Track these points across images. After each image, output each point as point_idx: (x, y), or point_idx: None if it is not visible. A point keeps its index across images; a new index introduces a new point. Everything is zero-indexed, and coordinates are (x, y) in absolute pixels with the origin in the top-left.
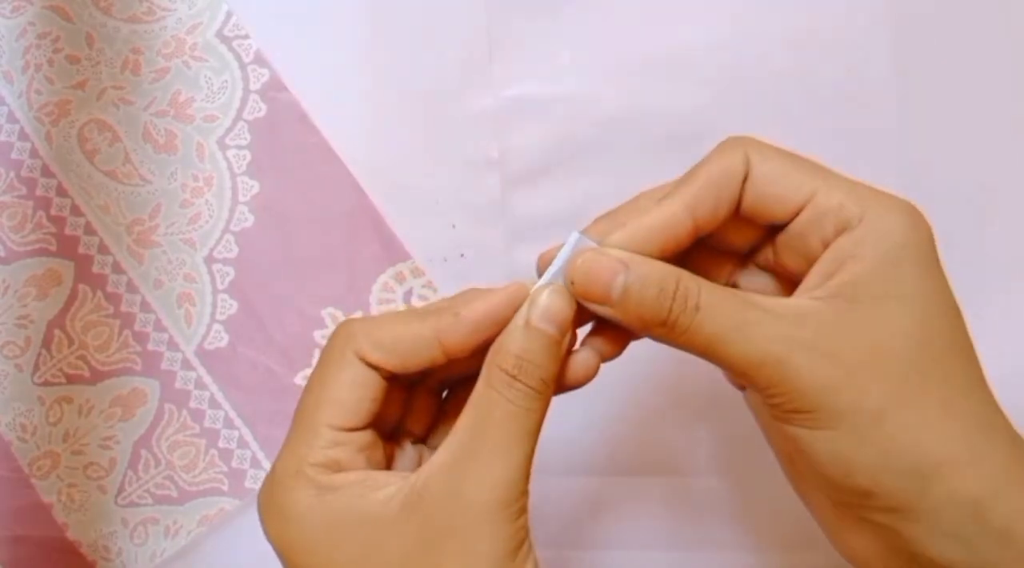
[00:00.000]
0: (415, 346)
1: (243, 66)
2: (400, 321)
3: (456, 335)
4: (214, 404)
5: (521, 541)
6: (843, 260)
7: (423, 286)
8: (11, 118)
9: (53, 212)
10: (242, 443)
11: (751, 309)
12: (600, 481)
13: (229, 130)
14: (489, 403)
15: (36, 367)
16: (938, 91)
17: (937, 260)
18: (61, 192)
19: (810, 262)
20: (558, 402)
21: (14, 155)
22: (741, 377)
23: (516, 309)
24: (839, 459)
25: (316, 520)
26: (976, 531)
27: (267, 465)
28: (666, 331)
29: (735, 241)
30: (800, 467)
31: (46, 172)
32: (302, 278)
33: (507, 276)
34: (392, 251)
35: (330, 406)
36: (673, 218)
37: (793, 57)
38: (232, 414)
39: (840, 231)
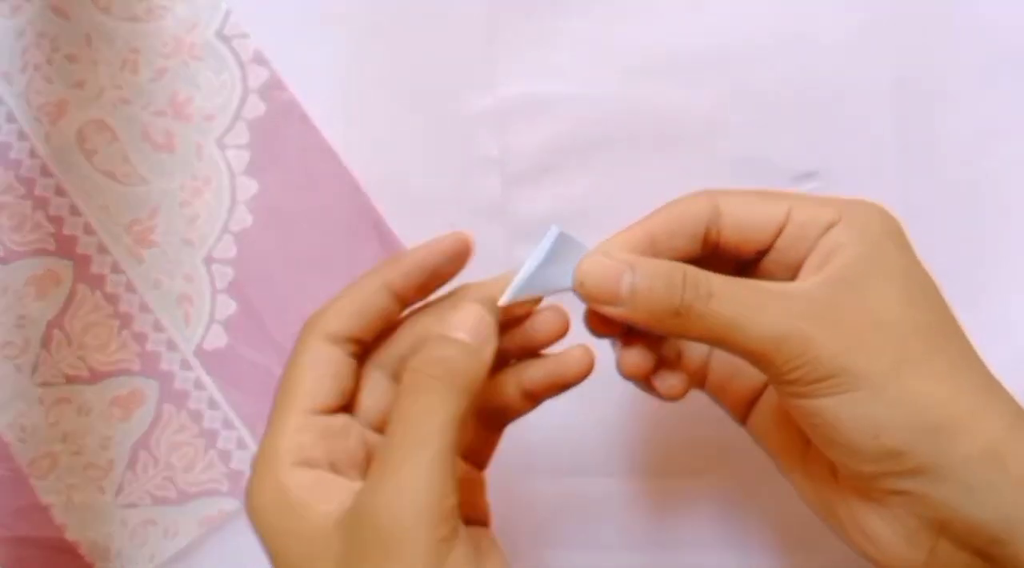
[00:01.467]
0: (365, 299)
1: (242, 65)
2: (352, 285)
3: (397, 272)
4: (213, 405)
5: (451, 547)
6: (831, 252)
7: None
8: (10, 118)
9: (52, 212)
10: (241, 444)
11: (762, 291)
12: (598, 482)
13: (228, 130)
14: (398, 408)
15: (35, 367)
16: (938, 91)
17: (910, 245)
18: (60, 192)
19: (799, 269)
20: (555, 403)
21: (13, 155)
22: (759, 359)
23: (459, 250)
24: (865, 421)
25: (270, 515)
26: (1001, 481)
27: None
28: (680, 320)
29: (723, 269)
30: (817, 457)
31: (45, 172)
32: (302, 278)
33: None
34: (392, 251)
35: (293, 391)
36: (646, 239)
37: (793, 57)
38: (231, 415)
39: (822, 233)
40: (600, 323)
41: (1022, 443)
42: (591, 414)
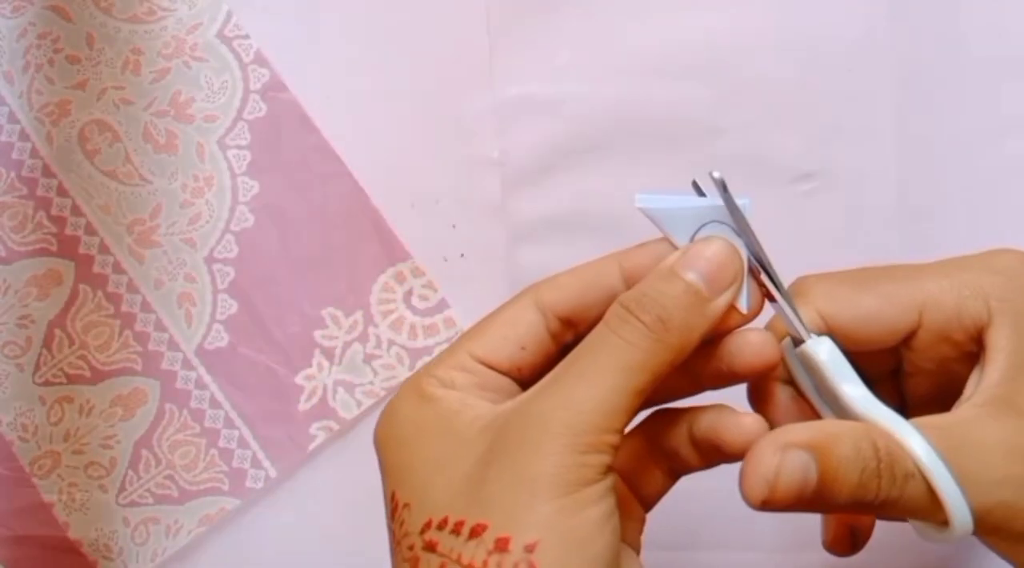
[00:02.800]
0: (596, 276)
1: (243, 66)
2: (586, 262)
3: (637, 256)
4: (214, 404)
5: (588, 481)
6: (988, 363)
7: (423, 286)
8: (12, 118)
9: (54, 212)
10: (242, 443)
11: (962, 455)
12: None
13: (229, 130)
14: (594, 336)
15: (37, 367)
16: (938, 90)
17: None
18: (62, 192)
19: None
20: None
21: (15, 155)
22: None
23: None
24: None
25: (408, 424)
26: None
27: (267, 465)
28: (876, 509)
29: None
30: None
31: (47, 172)
32: (302, 278)
33: (507, 276)
34: (392, 251)
35: (477, 334)
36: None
37: (793, 57)
38: (232, 414)
39: (971, 338)
40: (843, 544)
41: None
42: None
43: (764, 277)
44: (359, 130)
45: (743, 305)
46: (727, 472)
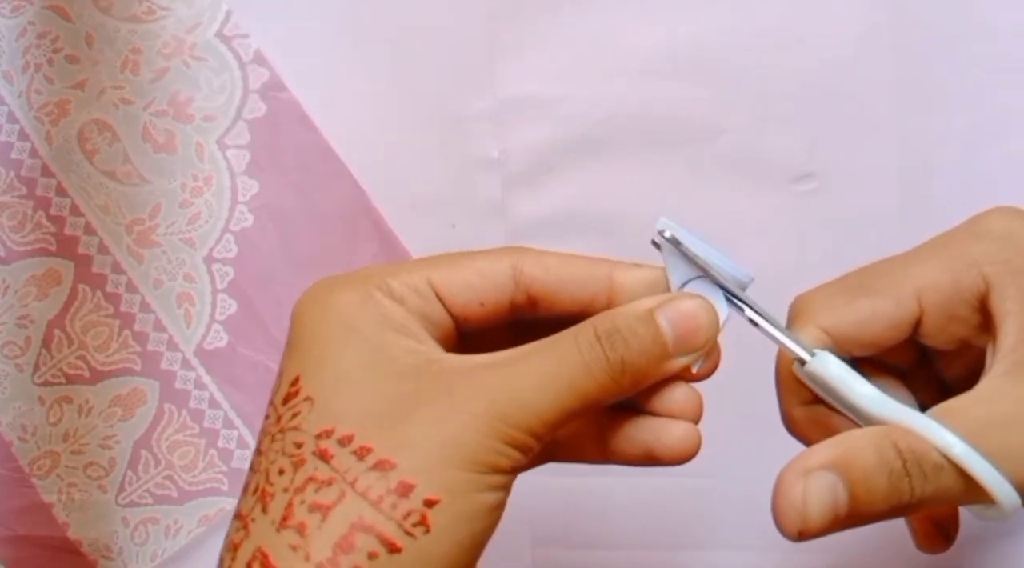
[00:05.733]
0: (588, 272)
1: (243, 66)
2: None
3: (631, 276)
4: (214, 404)
5: (499, 469)
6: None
7: None
8: (11, 118)
9: (53, 212)
10: (242, 443)
11: (987, 438)
12: (600, 481)
13: (229, 130)
14: (563, 343)
15: (36, 367)
16: (938, 90)
17: None
18: (61, 192)
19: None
20: None
21: (14, 155)
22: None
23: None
24: None
25: (345, 312)
26: None
27: None
28: (911, 509)
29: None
30: None
31: (46, 172)
32: (302, 278)
33: None
34: (392, 251)
35: (443, 266)
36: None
37: (793, 56)
38: (232, 414)
39: (976, 309)
40: (935, 540)
41: None
42: None
43: (749, 311)
44: (359, 130)
45: (696, 365)
46: (728, 472)
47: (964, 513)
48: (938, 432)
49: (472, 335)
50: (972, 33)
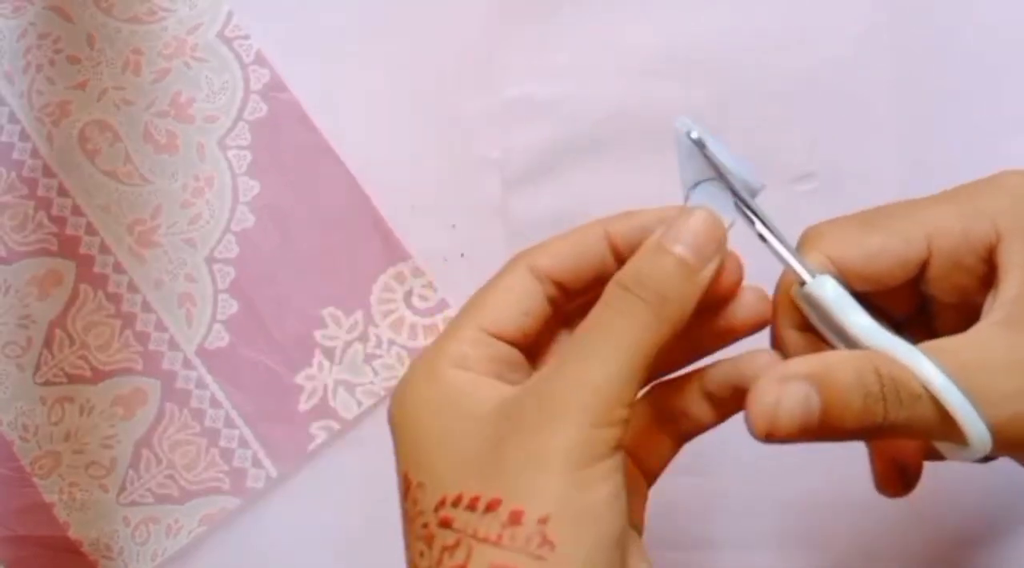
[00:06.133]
0: (581, 243)
1: (244, 66)
2: (574, 229)
3: (622, 223)
4: (215, 404)
5: (599, 456)
6: (1002, 281)
7: (423, 286)
8: (12, 118)
9: (54, 212)
10: (243, 442)
11: (970, 370)
12: None
13: (230, 130)
14: (597, 316)
15: (37, 367)
16: (938, 90)
17: None
18: (62, 192)
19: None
20: None
21: (15, 155)
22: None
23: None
24: None
25: (421, 403)
26: None
27: (267, 464)
28: (884, 433)
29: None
30: None
31: (47, 172)
32: (302, 278)
33: None
34: (392, 251)
35: (476, 305)
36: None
37: (793, 57)
38: (233, 414)
39: (984, 259)
40: (893, 482)
41: None
42: None
43: (759, 225)
44: (359, 130)
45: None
46: (729, 473)
47: (959, 508)
48: (922, 363)
49: (538, 346)
50: (972, 33)
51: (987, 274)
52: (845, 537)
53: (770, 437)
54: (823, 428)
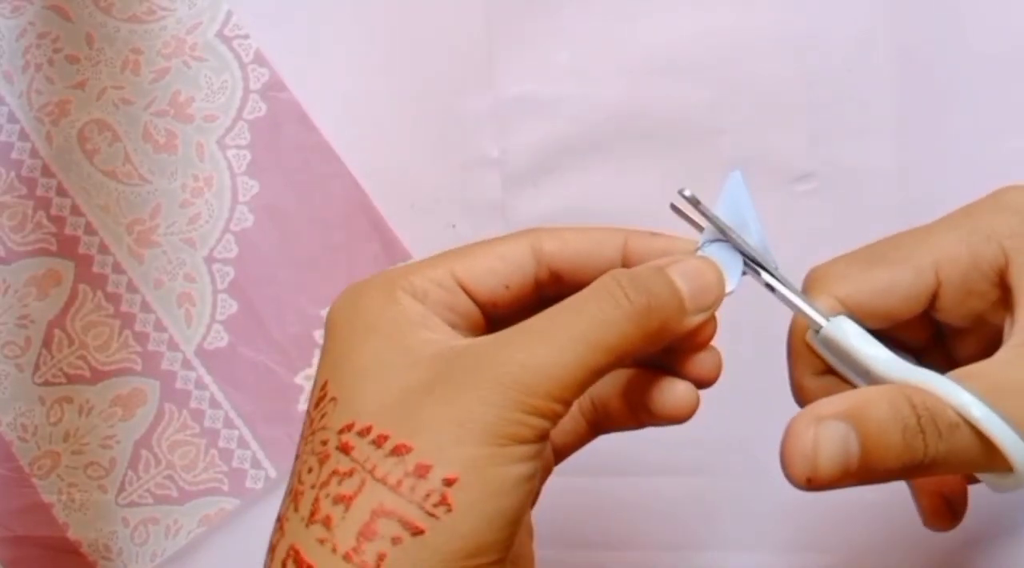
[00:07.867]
0: (601, 245)
1: (243, 66)
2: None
3: (644, 243)
4: (214, 404)
5: (522, 439)
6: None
7: None
8: (11, 118)
9: (53, 212)
10: (242, 443)
11: (1006, 394)
12: (600, 481)
13: (229, 130)
14: (576, 301)
15: (36, 367)
16: (938, 89)
17: None
18: (61, 192)
19: (975, 317)
20: None
21: (14, 155)
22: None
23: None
24: None
25: (366, 316)
26: None
27: (267, 465)
28: (924, 470)
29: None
30: None
31: (46, 172)
32: (302, 278)
33: None
34: (392, 251)
35: (463, 256)
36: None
37: (793, 57)
38: (232, 414)
39: (995, 285)
40: (943, 516)
41: None
42: None
43: (766, 275)
44: (359, 130)
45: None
46: (730, 473)
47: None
48: (956, 392)
49: (502, 320)
50: (972, 33)
51: (1001, 296)
52: (846, 538)
53: (811, 484)
54: (863, 469)
